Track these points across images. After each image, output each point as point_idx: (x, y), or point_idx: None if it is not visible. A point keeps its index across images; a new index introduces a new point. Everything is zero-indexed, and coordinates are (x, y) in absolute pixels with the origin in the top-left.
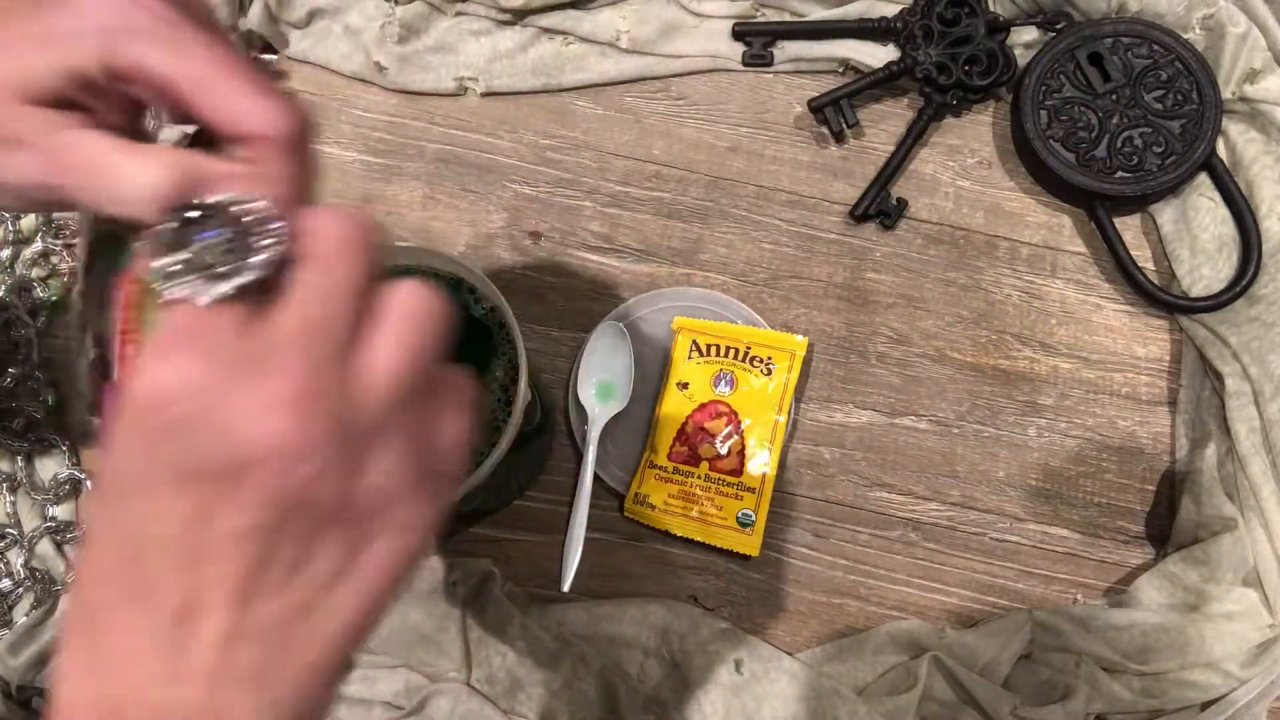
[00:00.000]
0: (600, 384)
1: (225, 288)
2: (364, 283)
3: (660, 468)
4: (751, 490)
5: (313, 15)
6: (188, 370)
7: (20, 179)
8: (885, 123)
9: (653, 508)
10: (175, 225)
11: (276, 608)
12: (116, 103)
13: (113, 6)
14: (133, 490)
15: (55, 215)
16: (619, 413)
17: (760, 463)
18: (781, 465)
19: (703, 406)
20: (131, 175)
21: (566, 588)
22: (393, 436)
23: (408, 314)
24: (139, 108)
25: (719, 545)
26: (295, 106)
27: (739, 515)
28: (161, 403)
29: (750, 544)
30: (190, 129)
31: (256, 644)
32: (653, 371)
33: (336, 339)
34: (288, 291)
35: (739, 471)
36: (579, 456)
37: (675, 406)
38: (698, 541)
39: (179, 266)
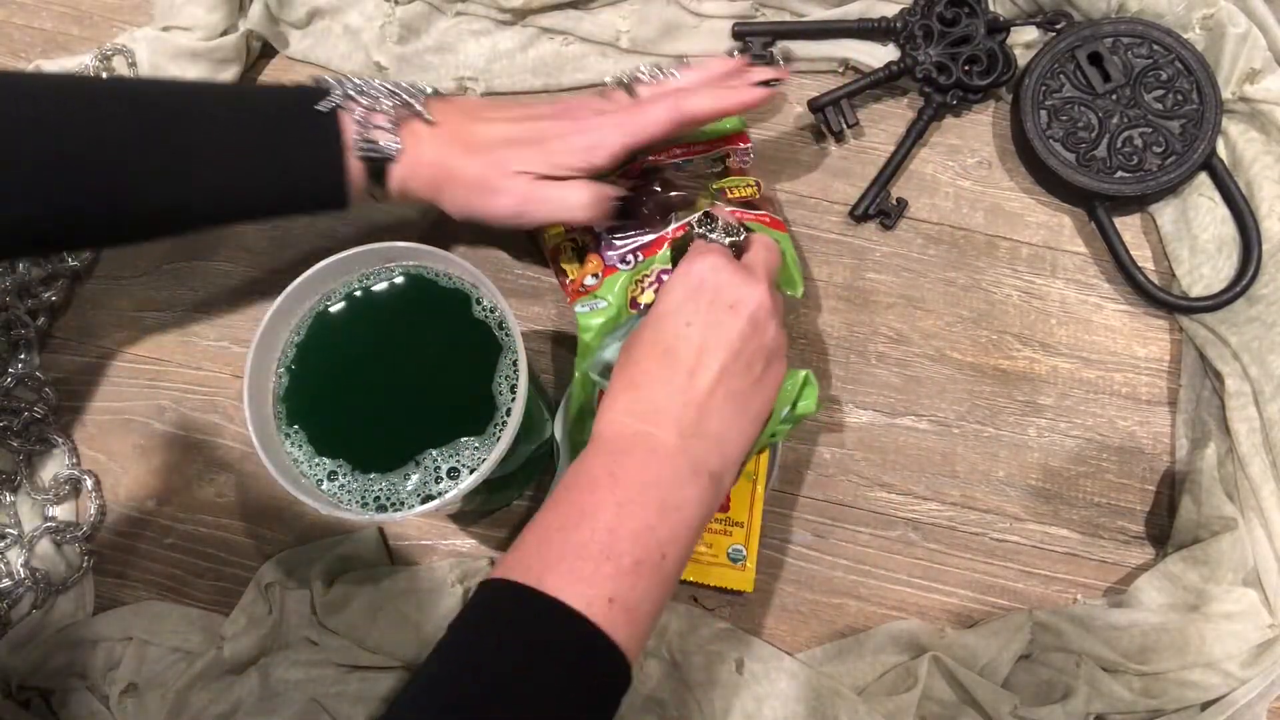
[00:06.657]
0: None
1: (726, 240)
2: (772, 253)
3: None
4: (740, 524)
5: (313, 15)
6: (715, 262)
7: (504, 213)
8: (885, 123)
9: None
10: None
11: (735, 382)
12: None
13: None
14: (676, 312)
15: None
16: None
17: (746, 496)
18: (781, 466)
19: None
20: (578, 198)
21: None
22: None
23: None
24: None
25: (712, 584)
26: None
27: (729, 551)
28: (700, 274)
29: (743, 580)
30: None
31: (727, 396)
32: None
33: (772, 274)
34: (748, 251)
35: (726, 507)
36: None
37: None
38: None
39: (709, 230)
